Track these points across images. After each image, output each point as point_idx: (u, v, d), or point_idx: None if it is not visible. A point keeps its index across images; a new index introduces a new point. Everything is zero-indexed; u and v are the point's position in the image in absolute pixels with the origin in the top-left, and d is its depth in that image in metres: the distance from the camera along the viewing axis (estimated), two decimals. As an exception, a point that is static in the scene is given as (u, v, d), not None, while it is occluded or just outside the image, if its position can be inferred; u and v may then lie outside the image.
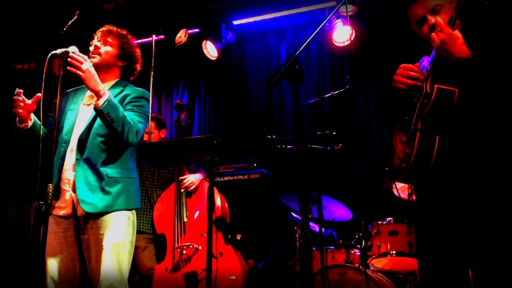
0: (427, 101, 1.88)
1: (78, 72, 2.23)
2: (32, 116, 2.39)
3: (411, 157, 1.91)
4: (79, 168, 2.33)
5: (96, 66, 2.41)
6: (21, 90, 2.32)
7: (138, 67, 2.68)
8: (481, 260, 1.83)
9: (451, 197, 1.92)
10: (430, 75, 1.93)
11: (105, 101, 2.25)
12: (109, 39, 2.55)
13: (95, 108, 2.27)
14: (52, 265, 2.35)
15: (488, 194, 1.82)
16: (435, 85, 1.84)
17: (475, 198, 1.85)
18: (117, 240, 2.34)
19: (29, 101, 2.34)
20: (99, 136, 2.39)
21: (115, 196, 2.37)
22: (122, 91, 2.52)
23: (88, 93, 2.53)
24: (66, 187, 2.36)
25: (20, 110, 2.32)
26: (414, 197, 2.19)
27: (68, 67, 2.23)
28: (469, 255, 1.87)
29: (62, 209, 2.37)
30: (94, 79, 2.25)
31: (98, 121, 2.38)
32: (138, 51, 2.67)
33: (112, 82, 2.57)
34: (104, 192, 2.34)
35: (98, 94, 2.26)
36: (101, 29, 2.58)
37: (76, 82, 2.66)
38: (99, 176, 2.35)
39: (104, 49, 2.52)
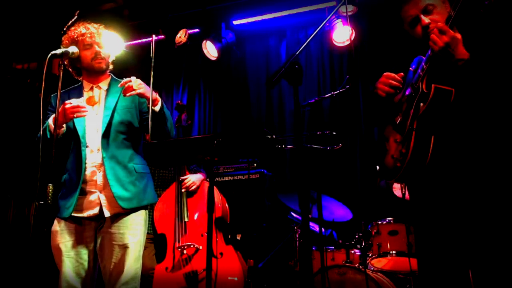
0: (424, 101, 1.88)
1: (137, 92, 2.33)
2: None
3: (406, 156, 1.90)
4: (108, 167, 2.39)
5: (103, 71, 2.56)
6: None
7: None
8: (480, 259, 1.82)
9: (447, 196, 1.92)
10: (425, 75, 1.92)
11: (162, 104, 2.41)
12: (105, 42, 2.59)
13: (155, 112, 2.38)
14: (67, 265, 2.37)
15: (484, 192, 1.82)
16: (433, 85, 1.84)
17: (471, 197, 1.85)
18: (138, 239, 2.44)
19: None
20: (121, 133, 2.47)
21: (143, 190, 2.48)
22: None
23: (85, 95, 2.57)
24: (92, 189, 2.40)
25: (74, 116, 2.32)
26: (407, 196, 2.19)
27: (126, 94, 2.34)
28: (469, 254, 1.87)
29: (87, 210, 2.40)
30: (148, 90, 2.34)
31: (116, 119, 2.46)
32: None
33: (108, 80, 2.64)
34: (135, 187, 2.44)
35: (155, 100, 2.39)
36: (95, 31, 2.56)
37: (75, 82, 2.67)
38: (129, 172, 2.44)
39: (105, 53, 2.56)
